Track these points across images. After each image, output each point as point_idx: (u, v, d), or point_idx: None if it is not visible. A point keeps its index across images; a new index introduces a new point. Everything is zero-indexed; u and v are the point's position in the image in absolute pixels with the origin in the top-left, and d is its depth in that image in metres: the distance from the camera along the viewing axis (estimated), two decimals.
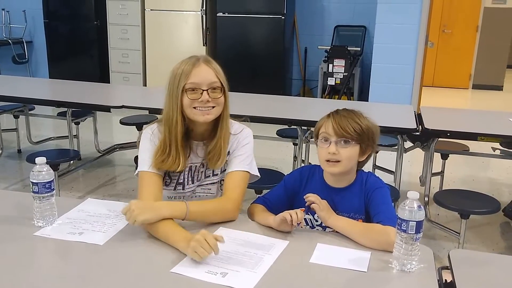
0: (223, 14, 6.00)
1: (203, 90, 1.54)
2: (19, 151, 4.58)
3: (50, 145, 4.59)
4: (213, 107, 1.56)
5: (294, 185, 1.64)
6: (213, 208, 1.55)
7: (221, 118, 1.61)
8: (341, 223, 1.47)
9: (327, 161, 1.52)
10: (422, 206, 1.24)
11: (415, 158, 4.22)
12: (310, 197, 1.50)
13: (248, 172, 1.64)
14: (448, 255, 1.36)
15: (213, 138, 1.62)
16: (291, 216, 1.42)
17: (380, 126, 1.59)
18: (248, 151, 1.65)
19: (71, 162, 3.71)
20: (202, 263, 1.28)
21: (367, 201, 1.53)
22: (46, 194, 1.46)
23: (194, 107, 1.55)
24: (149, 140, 1.61)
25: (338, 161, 1.50)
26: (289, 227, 1.46)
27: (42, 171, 1.45)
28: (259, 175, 1.68)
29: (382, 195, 1.52)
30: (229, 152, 1.65)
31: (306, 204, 1.51)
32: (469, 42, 8.55)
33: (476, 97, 8.24)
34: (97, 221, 1.53)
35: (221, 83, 1.57)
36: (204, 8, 6.04)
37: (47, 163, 1.47)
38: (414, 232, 1.23)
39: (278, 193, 1.67)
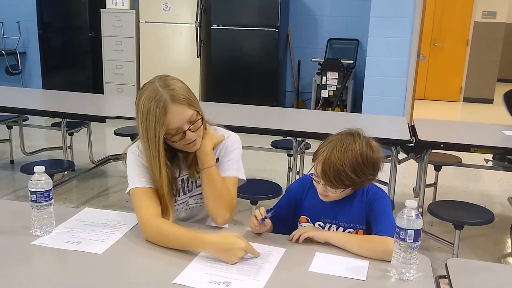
0: (217, 26, 6.05)
1: (185, 130, 1.49)
2: (12, 161, 4.55)
3: (43, 156, 4.56)
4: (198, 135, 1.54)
5: (296, 194, 1.65)
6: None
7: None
8: (337, 237, 1.46)
9: None
10: (420, 215, 1.25)
11: (408, 169, 4.25)
12: (294, 237, 1.49)
13: (237, 177, 1.63)
14: (446, 264, 1.37)
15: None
16: (255, 217, 1.48)
17: (374, 137, 1.55)
18: (236, 156, 1.65)
19: (65, 172, 3.69)
20: (203, 273, 1.28)
21: (368, 211, 1.54)
22: (44, 203, 1.45)
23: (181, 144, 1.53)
24: (135, 159, 1.57)
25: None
26: (257, 228, 1.50)
27: (40, 180, 1.44)
28: (245, 179, 1.67)
29: (383, 205, 1.52)
30: (218, 159, 1.64)
31: (293, 241, 1.49)
32: (459, 56, 8.66)
33: (467, 110, 8.34)
34: (95, 230, 1.52)
35: (196, 109, 1.51)
36: (198, 21, 6.08)
37: None
38: (412, 241, 1.24)
39: (282, 204, 1.68)
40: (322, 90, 5.85)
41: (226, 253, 1.34)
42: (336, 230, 1.56)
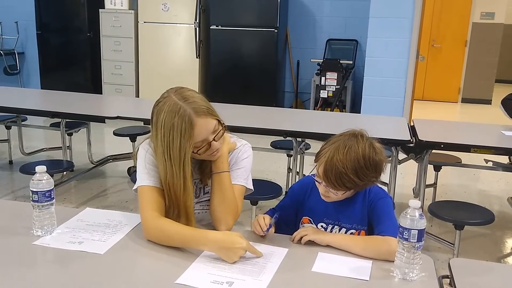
0: (216, 27, 6.04)
1: (210, 141, 1.48)
2: (11, 162, 4.54)
3: (42, 156, 4.55)
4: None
5: (299, 194, 1.64)
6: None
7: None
8: (339, 240, 1.46)
9: None
10: (423, 215, 1.25)
11: (407, 170, 4.25)
12: (295, 237, 1.48)
13: (245, 186, 1.63)
14: (449, 264, 1.37)
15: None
16: (260, 226, 1.48)
17: (374, 137, 1.53)
18: (247, 165, 1.64)
19: (64, 173, 3.68)
20: (206, 273, 1.28)
21: (370, 211, 1.53)
22: (46, 203, 1.45)
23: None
24: (146, 157, 1.55)
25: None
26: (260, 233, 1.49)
27: (42, 179, 1.44)
28: (253, 189, 1.67)
29: (385, 206, 1.51)
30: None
31: (295, 242, 1.49)
32: (458, 57, 8.67)
33: (465, 111, 8.35)
34: (96, 230, 1.52)
35: (217, 118, 1.50)
36: (197, 21, 6.08)
37: None
38: (415, 241, 1.24)
39: (284, 204, 1.67)
40: (321, 91, 5.85)
41: (227, 252, 1.34)
42: (339, 231, 1.56)
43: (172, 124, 1.42)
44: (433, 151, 3.02)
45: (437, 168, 3.66)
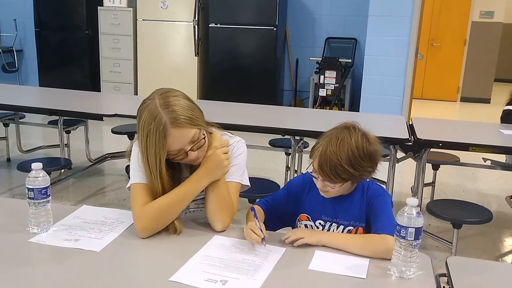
0: (215, 25, 6.03)
1: (187, 151, 1.46)
2: (8, 159, 4.53)
3: (40, 154, 4.54)
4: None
5: (298, 190, 1.63)
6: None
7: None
8: (335, 241, 1.44)
9: None
10: (421, 213, 1.24)
11: (405, 168, 4.25)
12: (289, 238, 1.44)
13: (240, 183, 1.61)
14: (446, 262, 1.36)
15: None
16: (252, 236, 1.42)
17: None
18: (241, 162, 1.62)
19: (62, 171, 3.67)
20: (200, 271, 1.27)
21: (368, 209, 1.52)
22: (41, 200, 1.44)
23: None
24: (139, 155, 1.53)
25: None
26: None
27: (38, 176, 1.43)
28: (249, 185, 1.65)
29: (383, 203, 1.51)
30: None
31: (287, 242, 1.45)
32: (457, 56, 8.67)
33: (464, 110, 8.35)
34: (93, 227, 1.51)
35: (198, 127, 1.46)
36: (196, 19, 6.07)
37: None
38: (413, 239, 1.23)
39: (279, 197, 1.66)
40: (320, 89, 5.85)
41: (218, 170, 1.48)
42: (337, 228, 1.56)
43: (148, 130, 1.42)
44: (432, 149, 3.01)
45: (435, 167, 3.66)
